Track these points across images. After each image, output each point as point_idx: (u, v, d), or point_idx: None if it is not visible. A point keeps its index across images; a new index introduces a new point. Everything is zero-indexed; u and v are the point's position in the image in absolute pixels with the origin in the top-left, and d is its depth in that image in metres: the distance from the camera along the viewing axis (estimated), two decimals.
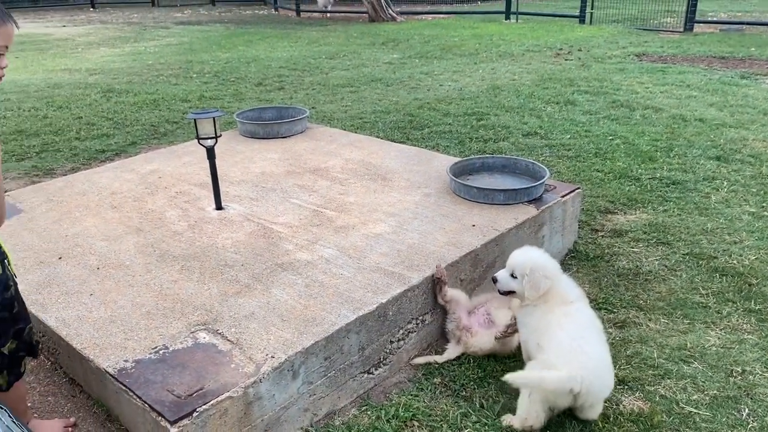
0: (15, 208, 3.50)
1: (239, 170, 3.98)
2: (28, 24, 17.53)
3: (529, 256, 2.52)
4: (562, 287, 2.44)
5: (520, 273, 2.45)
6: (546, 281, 2.40)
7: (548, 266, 2.46)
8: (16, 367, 2.10)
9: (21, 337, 2.08)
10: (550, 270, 2.44)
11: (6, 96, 7.55)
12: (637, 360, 2.73)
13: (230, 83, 8.62)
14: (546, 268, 2.44)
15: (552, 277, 2.42)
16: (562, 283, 2.46)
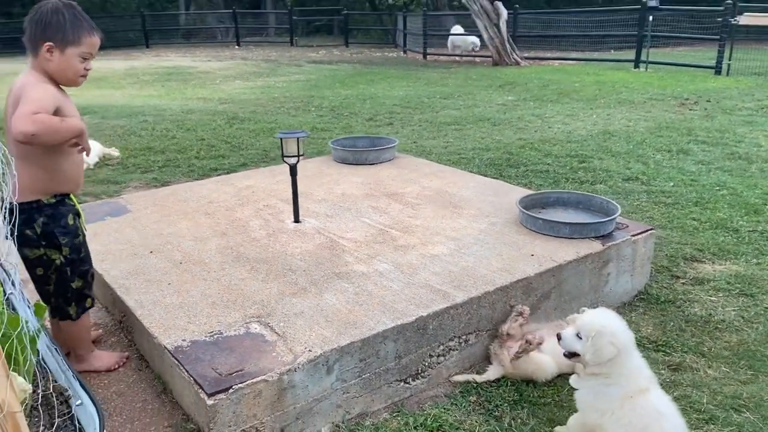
0: (125, 209, 3.99)
1: (323, 190, 4.27)
2: (178, 58, 19.42)
3: (600, 318, 2.32)
4: (631, 365, 2.23)
5: (586, 334, 2.26)
6: (611, 348, 2.19)
7: (619, 334, 2.23)
8: (83, 301, 2.66)
9: (86, 278, 2.64)
10: (620, 338, 2.22)
11: (144, 118, 8.47)
12: (683, 402, 2.64)
13: (343, 117, 9.11)
14: (615, 335, 2.22)
15: (620, 348, 2.20)
16: (633, 361, 2.24)
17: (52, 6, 2.40)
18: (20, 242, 2.44)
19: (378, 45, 26.27)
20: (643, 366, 2.25)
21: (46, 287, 2.59)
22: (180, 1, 30.63)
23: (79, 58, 2.44)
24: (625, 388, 2.18)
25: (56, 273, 2.56)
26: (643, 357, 2.83)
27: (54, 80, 2.44)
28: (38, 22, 2.37)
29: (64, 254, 2.54)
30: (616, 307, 3.49)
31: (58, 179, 2.49)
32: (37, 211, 2.47)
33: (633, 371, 2.20)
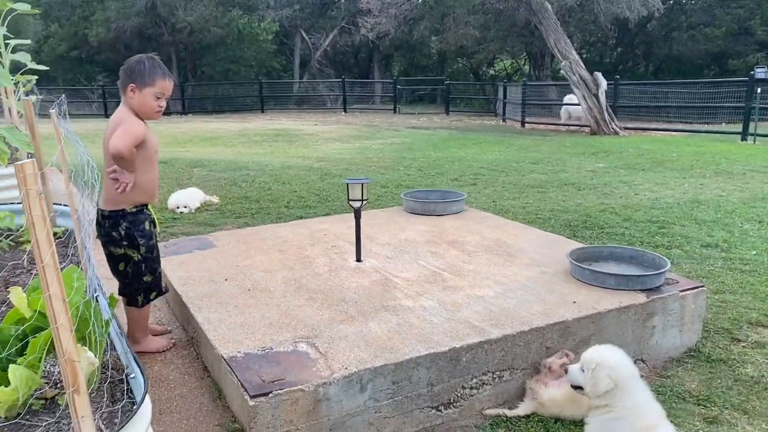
0: (212, 244, 4.47)
1: (388, 236, 4.58)
2: (288, 121, 20.79)
3: (601, 352, 2.44)
4: (636, 399, 2.29)
5: (587, 367, 2.39)
6: (608, 381, 2.28)
7: (618, 368, 2.32)
8: (149, 294, 3.27)
9: (155, 274, 3.26)
10: (618, 372, 2.30)
11: (247, 171, 9.23)
12: None
13: (429, 176, 9.48)
14: (614, 369, 2.31)
15: (617, 381, 2.28)
16: (637, 395, 2.31)
17: (138, 58, 3.12)
18: (108, 242, 3.14)
19: (478, 113, 26.85)
20: (650, 400, 2.32)
21: (125, 280, 3.22)
22: (294, 71, 32.84)
23: (153, 97, 3.08)
24: (632, 423, 2.26)
25: (133, 268, 3.19)
26: (680, 409, 2.89)
27: (138, 115, 3.09)
28: (126, 70, 3.09)
29: (141, 253, 3.16)
30: (664, 362, 3.50)
31: (138, 192, 3.11)
32: (122, 217, 3.09)
33: (639, 405, 2.28)
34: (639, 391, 2.33)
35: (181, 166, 9.85)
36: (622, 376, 2.31)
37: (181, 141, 14.84)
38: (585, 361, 2.40)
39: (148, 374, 3.08)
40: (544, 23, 18.96)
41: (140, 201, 3.15)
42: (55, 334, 1.48)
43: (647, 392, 2.36)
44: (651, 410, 2.31)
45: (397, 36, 29.95)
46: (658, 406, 2.35)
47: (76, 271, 2.17)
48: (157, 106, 3.12)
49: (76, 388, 1.54)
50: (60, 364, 1.52)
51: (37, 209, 1.40)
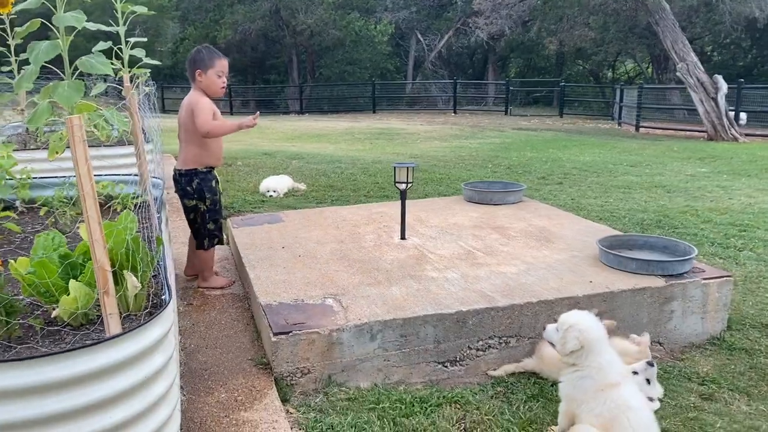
0: (280, 219, 5.02)
1: (439, 220, 4.91)
2: (396, 121, 21.41)
3: (574, 316, 2.64)
4: (601, 360, 2.48)
5: (560, 327, 2.61)
6: (575, 342, 2.49)
7: (586, 330, 2.51)
8: (213, 239, 4.02)
9: (217, 223, 4.00)
10: (586, 335, 2.50)
11: (339, 164, 9.83)
12: (693, 424, 2.77)
13: (515, 174, 9.62)
14: (582, 331, 2.50)
15: (584, 342, 2.48)
16: (603, 356, 2.50)
17: (196, 48, 3.91)
18: (183, 195, 3.97)
19: (594, 117, 26.13)
20: (615, 362, 2.53)
21: (194, 226, 4.02)
22: (408, 72, 33.51)
23: (216, 75, 3.81)
24: (597, 381, 2.49)
25: (200, 217, 3.96)
26: (680, 386, 3.05)
27: (207, 95, 3.81)
28: (190, 60, 3.85)
29: (207, 205, 3.94)
30: (682, 347, 3.59)
31: (207, 156, 3.93)
32: (195, 175, 3.91)
33: (604, 366, 2.50)
34: (604, 352, 2.53)
35: (282, 157, 10.63)
36: (589, 338, 2.51)
37: (290, 137, 15.81)
38: (560, 321, 2.64)
39: (205, 319, 3.65)
40: (661, 24, 18.27)
41: (209, 164, 3.96)
42: (91, 247, 2.00)
43: (613, 354, 2.56)
44: (615, 370, 2.51)
45: (512, 37, 29.78)
46: (623, 368, 2.55)
47: (130, 215, 2.73)
48: (222, 83, 3.85)
49: (106, 290, 2.05)
50: (95, 270, 2.04)
51: (80, 149, 1.91)
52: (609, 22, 25.61)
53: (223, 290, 4.10)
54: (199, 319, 3.63)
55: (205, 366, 3.10)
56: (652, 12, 18.32)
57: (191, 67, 3.84)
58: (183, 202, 4.00)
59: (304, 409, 2.85)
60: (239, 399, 2.80)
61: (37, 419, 1.90)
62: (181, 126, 3.93)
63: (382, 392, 3.00)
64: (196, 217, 3.97)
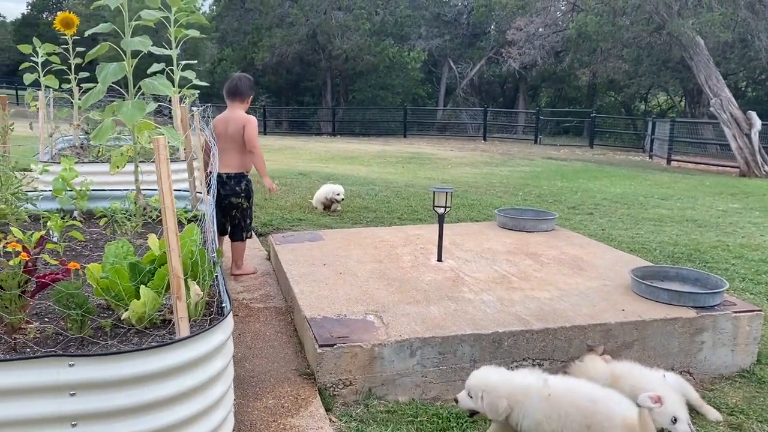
0: (321, 238, 5.22)
1: (473, 244, 5.06)
2: (426, 146, 21.65)
3: (483, 377, 2.68)
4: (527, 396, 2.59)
5: (474, 393, 2.67)
6: (504, 402, 2.56)
7: (501, 387, 2.58)
8: (248, 232, 4.91)
9: (251, 218, 4.94)
10: (504, 391, 2.58)
11: (373, 187, 10.04)
12: None
13: (546, 203, 9.72)
14: (498, 389, 2.58)
15: (509, 397, 2.57)
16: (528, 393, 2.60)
17: (245, 76, 4.80)
18: (232, 194, 4.71)
19: (625, 149, 26.09)
20: (528, 375, 2.72)
21: (234, 222, 4.78)
22: (439, 98, 33.88)
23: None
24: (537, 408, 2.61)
25: (242, 213, 4.78)
26: (704, 422, 3.13)
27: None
28: (247, 86, 4.74)
29: (249, 203, 4.83)
30: (712, 377, 3.67)
31: (249, 163, 4.83)
32: (243, 177, 4.79)
33: (530, 392, 2.63)
34: (525, 382, 2.67)
35: (316, 178, 10.88)
36: (509, 392, 2.61)
37: (323, 158, 16.12)
38: (470, 387, 2.70)
39: (250, 329, 3.83)
40: (695, 59, 18.31)
41: (249, 169, 4.86)
42: (168, 255, 2.20)
43: (528, 374, 2.72)
44: (534, 381, 2.66)
45: (544, 67, 30.00)
46: (533, 374, 2.72)
47: (195, 228, 2.93)
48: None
49: (178, 296, 2.24)
50: (170, 277, 2.24)
51: (164, 167, 2.12)
52: (642, 55, 25.70)
53: (266, 303, 4.28)
54: (245, 329, 3.81)
55: (253, 373, 3.27)
56: (687, 47, 18.38)
57: (249, 91, 4.86)
58: (230, 201, 4.73)
59: (346, 418, 3.00)
60: (285, 406, 2.96)
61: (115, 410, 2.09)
62: (227, 136, 4.72)
63: (419, 406, 3.14)
64: (239, 213, 4.77)
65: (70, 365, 2.01)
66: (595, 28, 20.20)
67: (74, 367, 2.01)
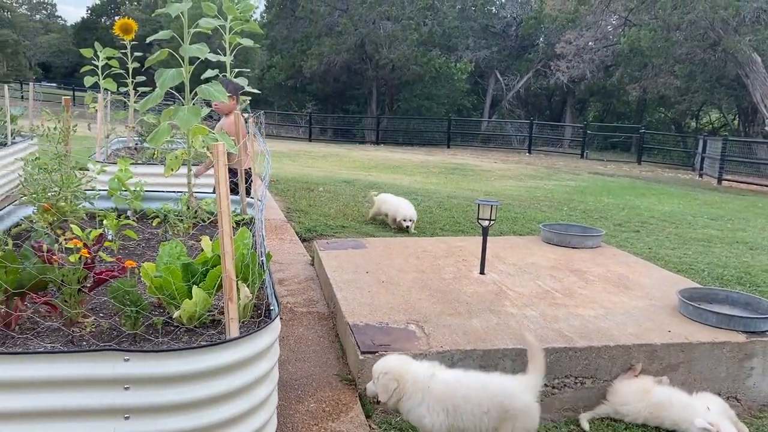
0: (363, 246, 5.27)
1: (517, 258, 5.04)
2: (470, 158, 21.58)
3: (385, 361, 2.80)
4: (415, 378, 2.71)
5: (375, 376, 2.77)
6: (393, 383, 2.68)
7: (394, 368, 2.72)
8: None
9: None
10: (396, 371, 2.71)
11: (416, 197, 10.06)
12: None
13: (591, 219, 9.58)
14: (391, 370, 2.71)
15: (398, 378, 2.69)
16: (417, 376, 2.72)
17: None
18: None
19: (674, 166, 25.48)
20: (424, 365, 2.80)
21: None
22: (485, 110, 33.73)
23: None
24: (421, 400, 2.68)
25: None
26: None
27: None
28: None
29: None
30: (761, 405, 3.57)
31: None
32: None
33: (418, 379, 2.72)
34: (419, 372, 2.75)
35: (360, 186, 10.97)
36: (400, 373, 2.73)
37: (367, 167, 16.23)
38: (374, 371, 2.79)
39: (293, 333, 3.89)
40: (751, 76, 17.85)
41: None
42: (222, 258, 2.27)
43: (422, 365, 2.80)
44: (423, 372, 2.75)
45: (593, 81, 29.61)
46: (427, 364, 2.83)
47: (247, 232, 3.01)
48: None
49: (230, 297, 2.31)
50: (223, 278, 2.31)
51: (222, 172, 2.19)
52: (696, 72, 25.13)
53: (309, 308, 4.34)
54: (288, 333, 3.88)
55: (295, 377, 3.33)
56: (743, 64, 17.93)
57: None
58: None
59: (385, 426, 3.02)
60: (326, 410, 3.00)
61: (166, 406, 2.16)
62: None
63: None
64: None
65: (126, 360, 2.09)
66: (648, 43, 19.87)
67: (129, 362, 2.09)
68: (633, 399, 3.15)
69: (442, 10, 29.92)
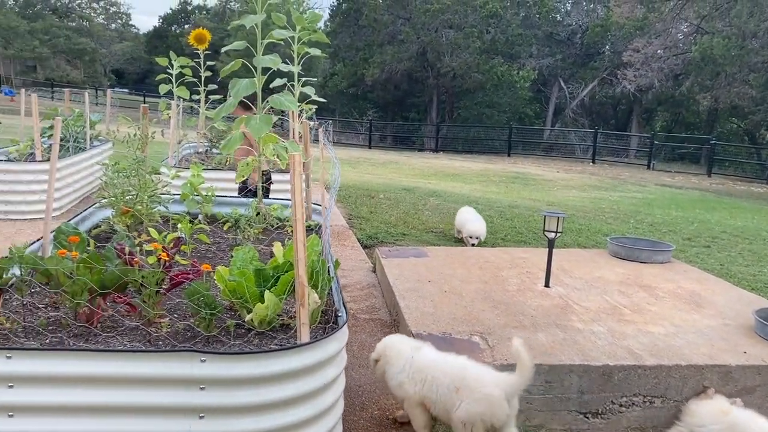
0: (425, 254, 5.27)
1: (583, 271, 4.94)
2: (531, 166, 21.30)
3: (389, 338, 3.12)
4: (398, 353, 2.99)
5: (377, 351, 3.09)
6: (381, 350, 3.04)
7: (392, 347, 3.02)
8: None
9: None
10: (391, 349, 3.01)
11: (476, 205, 9.87)
12: None
13: (659, 233, 9.30)
14: (390, 348, 3.02)
15: (387, 349, 3.03)
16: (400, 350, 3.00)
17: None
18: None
19: (747, 179, 24.45)
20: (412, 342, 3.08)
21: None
22: (547, 118, 33.21)
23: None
24: None
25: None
26: None
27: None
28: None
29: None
30: None
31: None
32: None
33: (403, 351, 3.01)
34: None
35: (420, 194, 10.99)
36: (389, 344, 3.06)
37: (426, 174, 16.23)
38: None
39: (356, 340, 3.93)
40: None
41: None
42: (296, 264, 2.32)
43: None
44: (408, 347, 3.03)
45: (661, 90, 28.74)
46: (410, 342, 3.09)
47: (317, 240, 3.07)
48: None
49: (302, 302, 2.36)
50: (296, 284, 2.36)
51: (298, 181, 2.25)
52: None
53: (371, 315, 4.38)
54: (351, 339, 3.92)
55: (358, 383, 3.36)
56: None
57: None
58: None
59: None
60: (390, 418, 3.02)
61: (239, 407, 2.23)
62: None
63: None
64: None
65: (202, 361, 2.16)
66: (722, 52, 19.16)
67: (206, 363, 2.16)
68: (710, 420, 3.03)
69: (505, 18, 29.68)
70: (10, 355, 2.12)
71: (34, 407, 2.17)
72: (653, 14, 24.97)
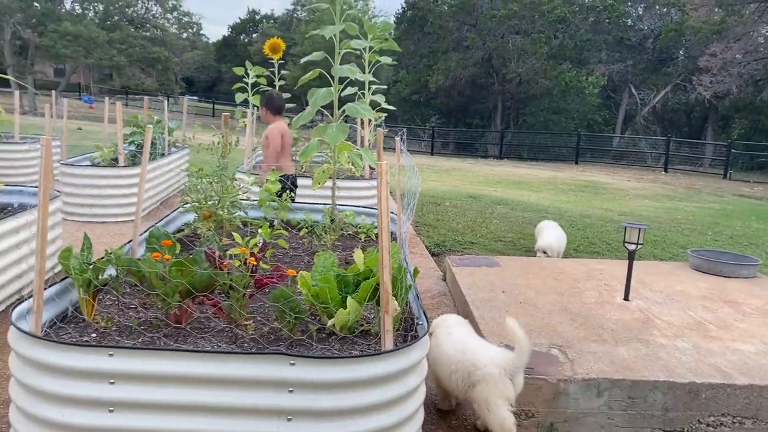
0: (497, 264, 5.22)
1: (663, 285, 4.78)
2: (600, 175, 20.80)
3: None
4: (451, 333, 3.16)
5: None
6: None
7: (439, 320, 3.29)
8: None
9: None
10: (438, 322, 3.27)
11: (545, 215, 9.80)
12: None
13: (740, 246, 8.90)
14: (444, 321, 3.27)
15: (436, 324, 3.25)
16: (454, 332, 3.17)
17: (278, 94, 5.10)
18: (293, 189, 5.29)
19: None
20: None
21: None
22: (617, 125, 32.34)
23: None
24: None
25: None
26: None
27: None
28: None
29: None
30: None
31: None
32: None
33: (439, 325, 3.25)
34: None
35: (486, 201, 10.88)
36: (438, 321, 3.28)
37: (491, 182, 16.07)
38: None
39: None
40: None
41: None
42: (380, 271, 2.34)
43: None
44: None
45: (739, 97, 27.55)
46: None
47: (396, 247, 3.09)
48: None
49: (386, 309, 2.38)
50: (381, 291, 2.38)
51: (384, 190, 2.27)
52: None
53: None
54: None
55: (433, 391, 3.35)
56: None
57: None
58: (293, 195, 5.25)
59: None
60: (468, 428, 3.00)
61: (326, 411, 2.26)
62: (287, 145, 5.67)
63: None
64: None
65: (292, 364, 2.21)
66: None
67: (295, 366, 2.21)
68: None
69: (574, 23, 29.13)
70: (112, 353, 2.22)
71: (132, 404, 2.26)
72: (732, 17, 24.00)
